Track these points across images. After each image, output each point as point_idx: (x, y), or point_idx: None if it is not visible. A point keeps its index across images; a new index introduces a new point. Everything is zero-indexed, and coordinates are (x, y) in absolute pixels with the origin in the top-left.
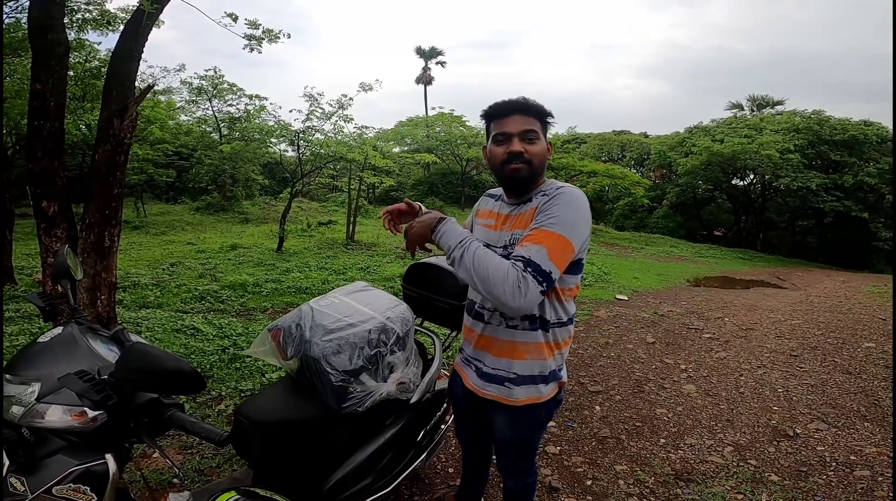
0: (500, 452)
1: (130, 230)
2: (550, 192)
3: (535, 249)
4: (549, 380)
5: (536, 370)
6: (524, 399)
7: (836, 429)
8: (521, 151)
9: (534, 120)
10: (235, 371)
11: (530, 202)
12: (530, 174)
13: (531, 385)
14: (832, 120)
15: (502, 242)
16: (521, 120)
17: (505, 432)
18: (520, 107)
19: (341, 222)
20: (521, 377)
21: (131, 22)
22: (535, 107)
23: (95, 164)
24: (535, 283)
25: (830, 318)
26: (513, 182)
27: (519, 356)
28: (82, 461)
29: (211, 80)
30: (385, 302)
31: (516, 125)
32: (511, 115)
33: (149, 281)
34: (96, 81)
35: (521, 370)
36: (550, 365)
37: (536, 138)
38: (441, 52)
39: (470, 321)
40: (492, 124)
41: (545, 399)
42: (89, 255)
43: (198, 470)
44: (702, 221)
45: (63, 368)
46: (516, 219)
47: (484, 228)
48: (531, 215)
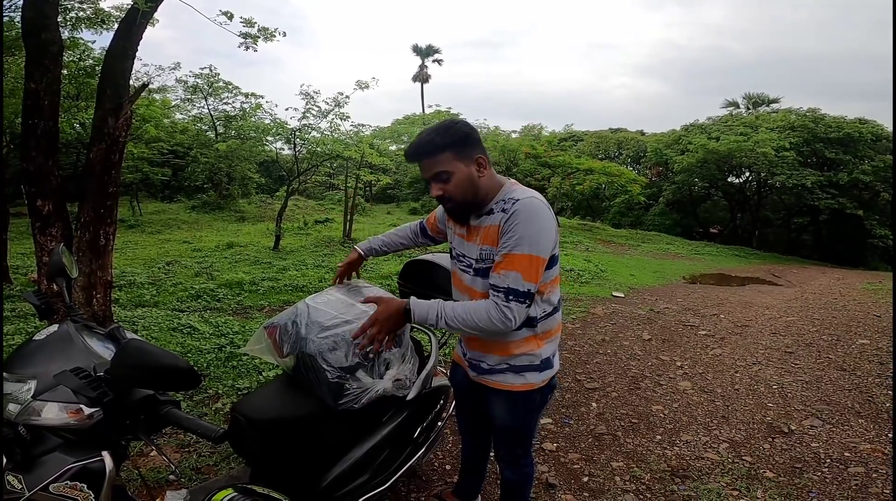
0: (499, 440)
1: (126, 229)
2: (509, 207)
3: (511, 276)
4: (542, 368)
5: (527, 360)
6: (520, 385)
7: (830, 426)
8: (439, 194)
9: (442, 156)
10: (232, 370)
11: (493, 215)
12: (461, 207)
13: (526, 373)
14: (827, 118)
15: (475, 254)
16: (429, 163)
17: (503, 418)
18: (422, 152)
19: (338, 221)
20: (515, 367)
21: (126, 20)
22: (437, 143)
23: (90, 162)
24: (518, 305)
25: (825, 315)
26: (454, 216)
27: (510, 352)
28: (79, 458)
29: (206, 78)
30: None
31: (427, 170)
32: (420, 160)
33: (145, 280)
34: (90, 80)
35: (515, 361)
36: (542, 354)
37: (448, 176)
38: (438, 51)
39: None
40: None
41: (540, 386)
42: (84, 254)
43: (195, 468)
44: (698, 218)
45: (59, 365)
46: (484, 232)
47: (459, 237)
48: (496, 231)
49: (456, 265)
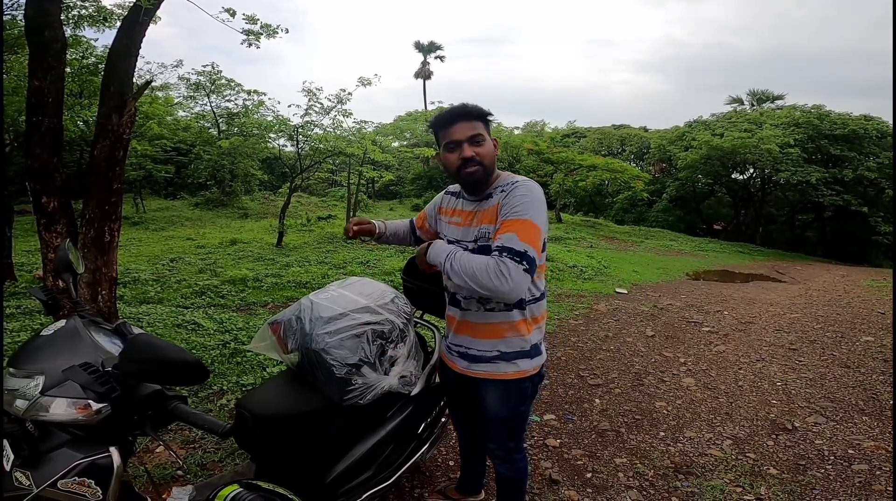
0: (491, 433)
1: (130, 226)
2: (507, 187)
3: (506, 236)
4: (532, 355)
5: (518, 346)
6: (513, 373)
7: (834, 423)
8: (471, 155)
9: (477, 123)
10: (237, 366)
11: (491, 198)
12: (484, 174)
13: (518, 360)
14: (832, 115)
15: (471, 236)
16: (466, 126)
17: (496, 408)
18: (462, 114)
19: (341, 217)
20: (505, 354)
21: (128, 18)
22: (476, 110)
23: (94, 159)
24: (514, 264)
25: (829, 312)
26: (470, 183)
27: (500, 335)
28: (87, 454)
29: (209, 75)
30: (384, 294)
31: (462, 132)
32: (456, 123)
33: (149, 276)
34: (94, 77)
35: (504, 347)
36: (532, 340)
37: (483, 140)
38: (440, 47)
39: (451, 310)
40: (440, 134)
41: (531, 373)
42: (89, 250)
43: (200, 465)
44: (701, 214)
45: (66, 361)
46: (482, 214)
47: (452, 225)
48: (495, 210)
49: None
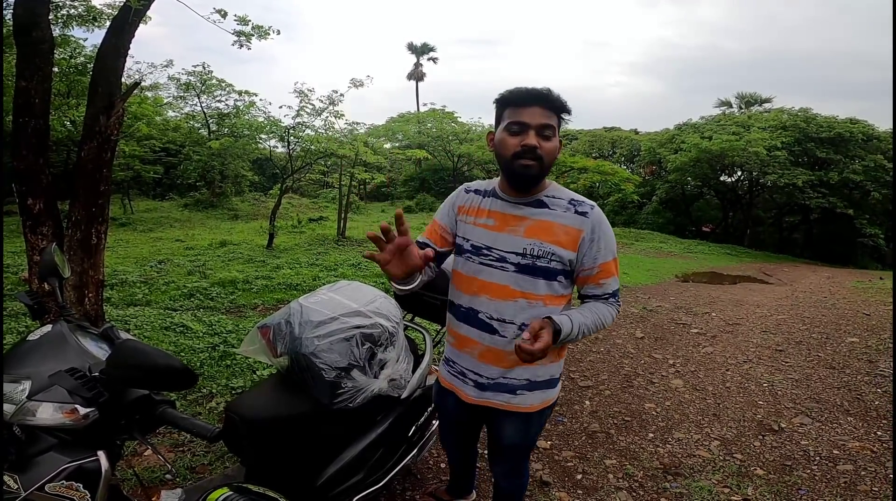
0: (503, 457)
1: (117, 227)
2: (585, 211)
3: (613, 281)
4: (556, 382)
5: (548, 374)
6: (538, 404)
7: (819, 424)
8: (535, 145)
9: (553, 115)
10: (226, 369)
11: (547, 210)
12: (539, 172)
13: (546, 390)
14: (819, 118)
15: (518, 247)
16: (541, 113)
17: (514, 438)
18: (542, 98)
19: (332, 219)
20: (534, 382)
21: (118, 18)
22: (558, 101)
23: (81, 161)
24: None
25: (815, 313)
26: (521, 178)
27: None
28: (74, 458)
29: (199, 75)
30: (374, 298)
31: (535, 117)
32: (531, 105)
33: (137, 279)
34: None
35: (534, 376)
36: (559, 368)
37: (553, 135)
38: (433, 49)
39: (471, 332)
40: (506, 111)
41: (554, 400)
42: (76, 253)
43: (189, 468)
44: (691, 217)
45: (53, 365)
46: (534, 226)
47: (481, 228)
48: (571, 234)
49: (471, 260)
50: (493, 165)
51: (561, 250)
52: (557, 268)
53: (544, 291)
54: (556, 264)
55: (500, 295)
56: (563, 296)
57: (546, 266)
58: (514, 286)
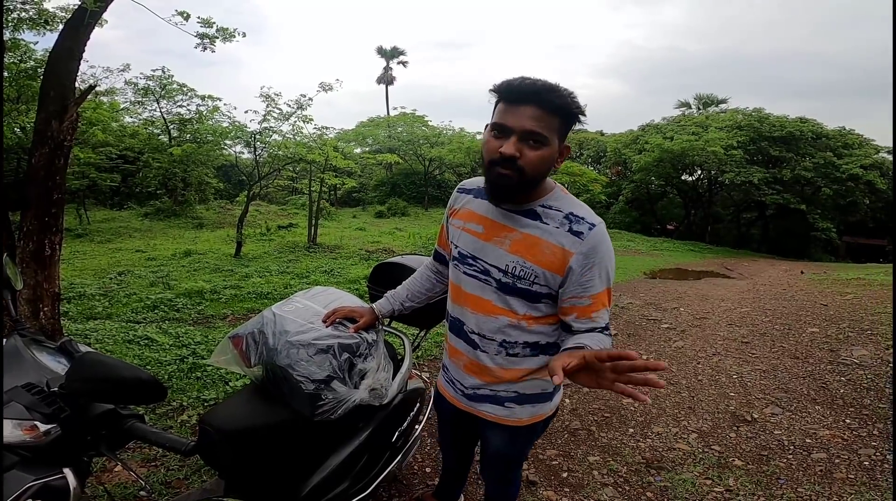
0: (490, 465)
1: (73, 238)
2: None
3: (604, 314)
4: (552, 396)
5: (540, 387)
6: (527, 419)
7: (790, 413)
8: (513, 154)
9: (551, 117)
10: (197, 381)
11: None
12: (518, 185)
13: (536, 404)
14: (771, 117)
15: (502, 263)
16: (532, 114)
17: (500, 448)
18: (536, 97)
19: (302, 225)
20: (523, 396)
21: (73, 19)
22: (557, 100)
23: (32, 168)
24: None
25: (776, 305)
26: (495, 188)
27: (520, 378)
28: (39, 476)
29: (159, 80)
30: (351, 305)
31: (522, 120)
32: (523, 104)
33: (95, 291)
34: (32, 82)
35: (523, 389)
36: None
37: (543, 143)
38: (403, 52)
39: (458, 343)
40: (498, 106)
41: (547, 416)
42: (28, 265)
43: (165, 483)
44: (656, 215)
45: (9, 382)
46: (521, 241)
47: (468, 234)
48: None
49: (458, 267)
50: (464, 168)
51: (545, 272)
52: (541, 292)
53: (525, 311)
54: (540, 288)
55: (481, 309)
56: (549, 316)
57: (527, 289)
58: (497, 302)
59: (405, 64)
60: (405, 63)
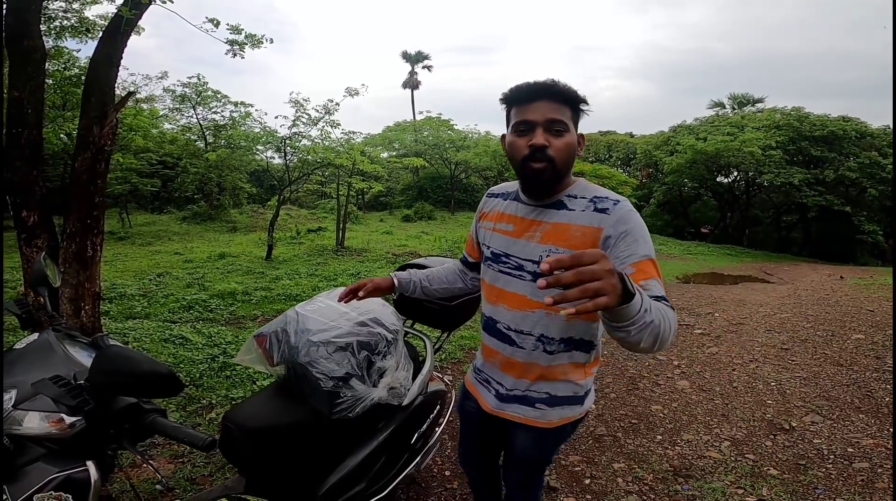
0: (514, 468)
1: (115, 241)
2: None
3: (654, 284)
4: (583, 400)
5: (571, 390)
6: (558, 421)
7: (831, 421)
8: (543, 144)
9: (563, 107)
10: (226, 379)
11: (567, 210)
12: (553, 174)
13: (566, 406)
14: (811, 116)
15: (535, 254)
16: (548, 107)
17: (526, 449)
18: (546, 91)
19: (331, 229)
20: (555, 397)
21: (110, 27)
22: (566, 91)
23: (75, 172)
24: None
25: (819, 311)
26: (533, 182)
27: (553, 378)
28: (62, 468)
29: (194, 87)
30: (372, 305)
31: (541, 113)
32: (535, 100)
33: (135, 292)
34: (76, 89)
35: (555, 390)
36: (587, 384)
37: (564, 130)
38: (427, 57)
39: (493, 342)
40: (513, 111)
41: (576, 418)
42: (71, 265)
43: (189, 479)
44: (689, 218)
45: (39, 374)
46: (551, 230)
47: (499, 234)
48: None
49: (492, 267)
50: (490, 172)
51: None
52: None
53: None
54: None
55: (517, 305)
56: None
57: None
58: (532, 296)
59: (430, 68)
60: (430, 68)
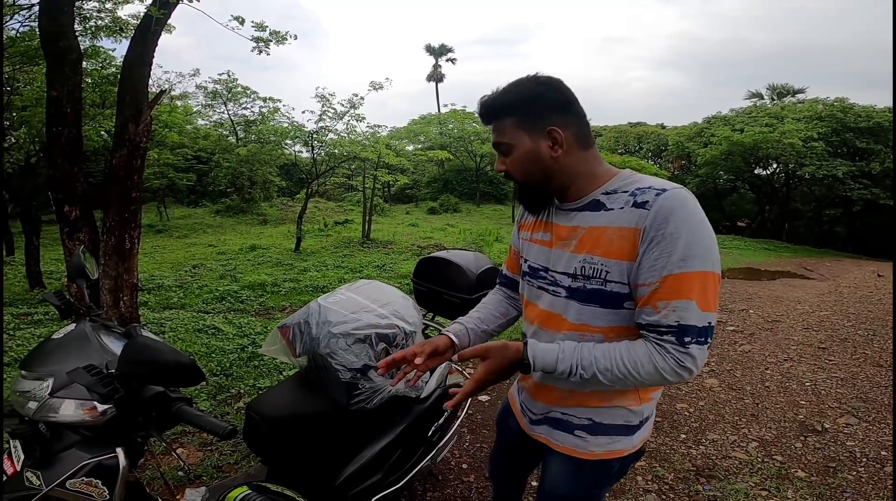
0: None
1: (154, 234)
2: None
3: (683, 308)
4: (636, 429)
5: (621, 418)
6: (601, 452)
7: (866, 424)
8: (500, 170)
9: (502, 122)
10: (254, 369)
11: (603, 211)
12: (525, 189)
13: (613, 436)
14: (856, 107)
15: (570, 267)
16: (495, 127)
17: (560, 487)
18: (489, 112)
19: (357, 221)
20: (598, 424)
21: (141, 27)
22: (496, 104)
23: (113, 168)
24: (699, 348)
25: (861, 309)
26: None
27: (596, 403)
28: (94, 454)
29: (225, 83)
30: (393, 297)
31: (495, 137)
32: (488, 124)
33: (172, 283)
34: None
35: (599, 416)
36: (643, 411)
37: (510, 148)
38: (451, 50)
39: None
40: None
41: (627, 453)
42: (111, 257)
43: (216, 466)
44: (724, 212)
45: (74, 363)
46: (586, 236)
47: (536, 245)
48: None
49: (530, 284)
50: None
51: (618, 263)
52: (619, 292)
53: (604, 322)
54: (615, 286)
55: (551, 325)
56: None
57: (599, 289)
58: (566, 316)
59: (454, 61)
60: (453, 60)
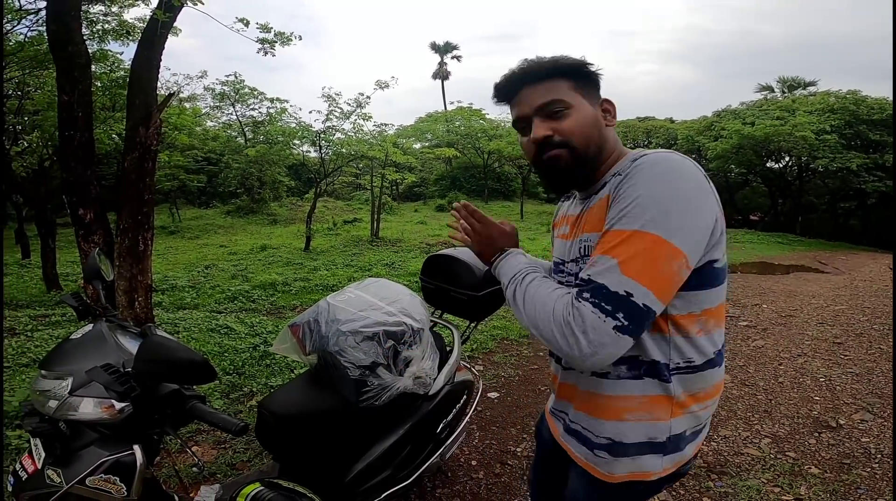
0: None
1: (167, 235)
2: (627, 168)
3: (601, 263)
4: (668, 449)
5: (645, 434)
6: (624, 475)
7: (882, 420)
8: (545, 135)
9: (556, 83)
10: (266, 368)
11: (604, 190)
12: (575, 161)
13: (637, 457)
14: (869, 100)
15: (574, 253)
16: (535, 91)
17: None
18: (527, 75)
19: (366, 220)
20: (618, 445)
21: (147, 30)
22: (552, 64)
23: (125, 171)
24: (595, 316)
25: (877, 303)
26: (554, 178)
27: (613, 415)
28: (112, 452)
29: (232, 85)
30: (401, 295)
31: (529, 102)
32: (520, 90)
33: (185, 283)
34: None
35: (619, 434)
36: (675, 427)
37: (564, 109)
38: (456, 47)
39: (551, 363)
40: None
41: (656, 476)
42: (125, 259)
43: (230, 464)
44: (736, 205)
45: (92, 363)
46: (586, 217)
47: (560, 240)
48: (603, 206)
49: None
50: (523, 160)
51: (596, 235)
52: None
53: None
54: None
55: None
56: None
57: None
58: None
59: (459, 58)
60: (459, 58)
